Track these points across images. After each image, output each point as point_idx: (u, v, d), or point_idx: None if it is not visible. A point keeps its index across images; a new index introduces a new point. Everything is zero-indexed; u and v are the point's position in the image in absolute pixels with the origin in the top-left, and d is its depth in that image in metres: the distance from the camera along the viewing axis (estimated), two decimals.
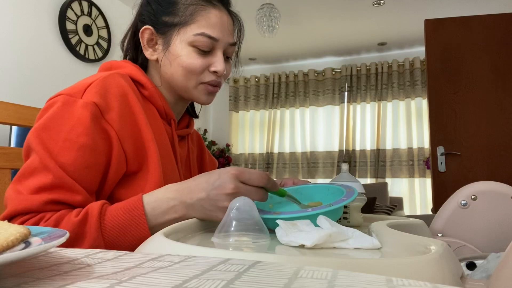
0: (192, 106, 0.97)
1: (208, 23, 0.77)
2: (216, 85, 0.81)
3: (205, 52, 0.77)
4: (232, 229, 0.50)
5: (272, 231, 0.53)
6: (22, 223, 0.60)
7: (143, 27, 0.79)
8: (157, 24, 0.79)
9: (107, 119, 0.67)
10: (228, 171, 0.59)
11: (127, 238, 0.60)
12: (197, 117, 0.98)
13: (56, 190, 0.62)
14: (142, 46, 0.81)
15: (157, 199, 0.62)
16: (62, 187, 0.62)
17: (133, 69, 0.78)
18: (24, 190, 0.62)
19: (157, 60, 0.81)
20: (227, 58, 0.83)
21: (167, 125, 0.82)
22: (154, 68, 0.83)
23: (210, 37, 0.76)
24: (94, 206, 0.61)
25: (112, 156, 0.68)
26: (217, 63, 0.78)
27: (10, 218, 0.61)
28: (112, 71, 0.76)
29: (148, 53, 0.81)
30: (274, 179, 0.70)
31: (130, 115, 0.70)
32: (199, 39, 0.76)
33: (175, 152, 0.81)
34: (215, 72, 0.79)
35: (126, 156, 0.69)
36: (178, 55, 0.77)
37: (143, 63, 0.85)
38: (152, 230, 0.61)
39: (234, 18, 0.84)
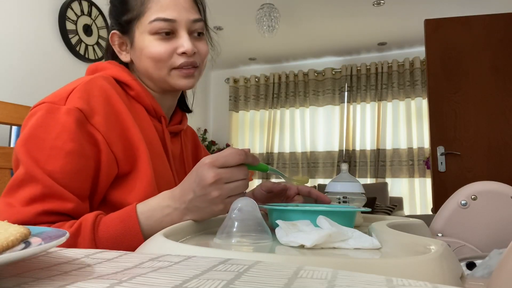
0: (183, 100, 0.95)
1: (160, 7, 0.75)
2: (192, 66, 0.78)
3: (167, 36, 0.76)
4: (234, 230, 0.50)
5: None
6: None
7: (111, 33, 0.81)
8: (120, 25, 0.80)
9: (93, 123, 0.66)
10: (203, 162, 0.58)
11: (122, 249, 0.59)
12: (190, 111, 0.96)
13: (47, 200, 0.61)
14: (116, 51, 0.81)
15: (151, 208, 0.62)
16: (52, 196, 0.62)
17: (117, 70, 0.77)
18: (15, 203, 0.61)
19: (132, 61, 0.81)
20: (198, 35, 0.80)
21: (157, 122, 0.81)
22: (133, 69, 0.83)
23: (165, 19, 0.75)
24: (88, 218, 0.60)
25: (101, 160, 0.67)
26: (184, 43, 0.75)
27: None
28: (96, 73, 0.76)
29: (122, 56, 0.81)
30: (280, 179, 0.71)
31: (116, 117, 0.70)
32: (155, 25, 0.75)
33: (166, 150, 0.81)
34: (184, 54, 0.76)
35: (116, 159, 0.69)
36: (142, 48, 0.77)
37: (127, 64, 0.84)
38: (146, 237, 0.59)
39: None
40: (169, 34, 0.76)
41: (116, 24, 0.80)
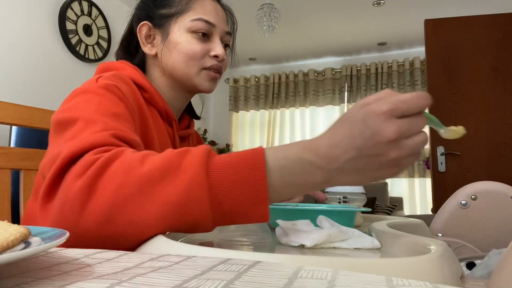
0: (190, 106, 0.97)
1: (204, 10, 0.80)
2: (218, 71, 0.82)
3: (203, 38, 0.79)
4: (234, 229, 0.50)
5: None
6: (95, 159, 0.46)
7: (141, 23, 0.81)
8: (154, 18, 0.81)
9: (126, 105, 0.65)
10: (375, 111, 0.43)
11: (238, 186, 0.44)
12: (199, 118, 0.98)
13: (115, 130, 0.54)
14: (140, 42, 0.82)
15: (287, 156, 0.46)
16: (117, 129, 0.55)
17: (132, 72, 0.77)
18: (78, 136, 0.52)
19: (155, 55, 0.82)
20: (225, 46, 0.84)
21: (168, 126, 0.82)
22: (153, 65, 0.83)
23: (207, 22, 0.79)
24: (197, 147, 0.48)
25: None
26: (216, 47, 0.80)
27: (71, 161, 0.48)
28: (109, 72, 0.75)
29: (146, 48, 0.82)
30: None
31: (140, 111, 0.70)
32: (196, 24, 0.78)
33: None
34: (215, 57, 0.80)
35: None
36: (178, 43, 0.79)
37: (140, 65, 0.85)
38: (275, 192, 0.45)
39: (227, 11, 0.87)
40: (205, 36, 0.79)
41: (147, 17, 0.82)
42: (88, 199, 0.43)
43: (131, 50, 0.86)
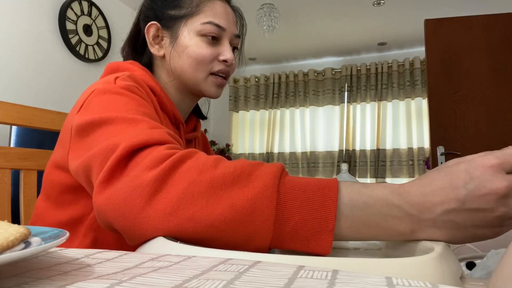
0: (197, 106, 0.96)
1: (214, 13, 0.78)
2: (226, 76, 0.81)
3: (213, 41, 0.78)
4: None
5: None
6: (170, 154, 0.48)
7: (149, 23, 0.80)
8: (163, 19, 0.80)
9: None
10: (482, 163, 0.40)
11: (305, 209, 0.42)
12: (205, 118, 0.97)
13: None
14: (148, 43, 0.80)
15: (374, 194, 0.43)
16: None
17: (141, 73, 0.76)
18: (124, 133, 0.52)
19: (163, 56, 0.80)
20: (233, 48, 0.83)
21: (175, 129, 0.81)
22: (160, 67, 0.82)
23: (217, 25, 0.77)
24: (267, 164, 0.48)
25: None
26: (226, 51, 0.79)
27: (132, 152, 0.49)
28: (118, 72, 0.74)
29: (154, 49, 0.80)
30: None
31: (156, 112, 0.70)
32: (206, 28, 0.77)
33: None
34: (224, 61, 0.79)
35: None
36: (187, 46, 0.77)
37: (148, 65, 0.84)
38: (348, 228, 0.42)
39: (237, 12, 0.86)
40: (215, 39, 0.78)
41: (155, 17, 0.80)
42: (159, 190, 0.44)
43: (138, 48, 0.85)
